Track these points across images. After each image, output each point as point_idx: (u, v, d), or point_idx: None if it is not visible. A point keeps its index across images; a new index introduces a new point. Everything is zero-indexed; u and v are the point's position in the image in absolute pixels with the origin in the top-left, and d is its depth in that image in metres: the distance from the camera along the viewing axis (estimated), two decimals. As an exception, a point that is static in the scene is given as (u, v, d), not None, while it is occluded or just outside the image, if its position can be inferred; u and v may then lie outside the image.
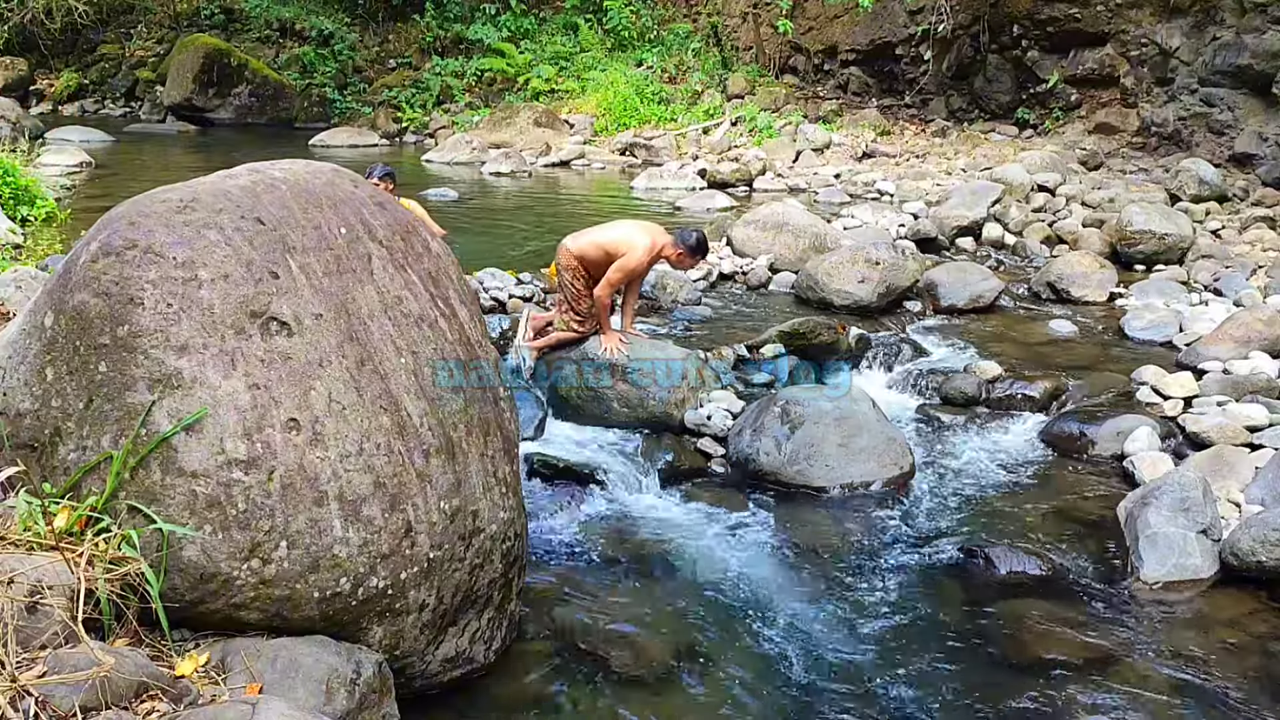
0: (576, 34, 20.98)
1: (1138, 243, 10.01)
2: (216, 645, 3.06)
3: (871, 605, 4.56)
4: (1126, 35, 14.34)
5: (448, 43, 22.01)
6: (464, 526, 3.50)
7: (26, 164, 10.73)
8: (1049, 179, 12.61)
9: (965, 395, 6.84)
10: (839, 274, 8.45)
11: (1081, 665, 4.11)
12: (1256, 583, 4.62)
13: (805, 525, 5.33)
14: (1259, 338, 7.19)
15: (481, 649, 3.72)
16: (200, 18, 23.72)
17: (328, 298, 3.34)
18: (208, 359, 3.08)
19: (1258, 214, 11.32)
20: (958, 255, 10.50)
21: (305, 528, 3.10)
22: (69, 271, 3.20)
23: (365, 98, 21.10)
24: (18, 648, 2.66)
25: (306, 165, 3.79)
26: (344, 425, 3.20)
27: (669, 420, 6.20)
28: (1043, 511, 5.45)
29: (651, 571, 4.83)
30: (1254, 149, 12.73)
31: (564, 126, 18.35)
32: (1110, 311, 8.88)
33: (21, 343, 3.27)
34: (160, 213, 3.23)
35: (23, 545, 2.95)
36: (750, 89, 18.41)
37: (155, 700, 2.70)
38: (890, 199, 13.14)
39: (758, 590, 4.65)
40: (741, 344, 6.98)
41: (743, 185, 14.46)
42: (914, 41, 16.71)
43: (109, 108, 22.62)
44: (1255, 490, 5.24)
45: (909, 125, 16.96)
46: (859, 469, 5.70)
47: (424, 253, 3.81)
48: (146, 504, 3.01)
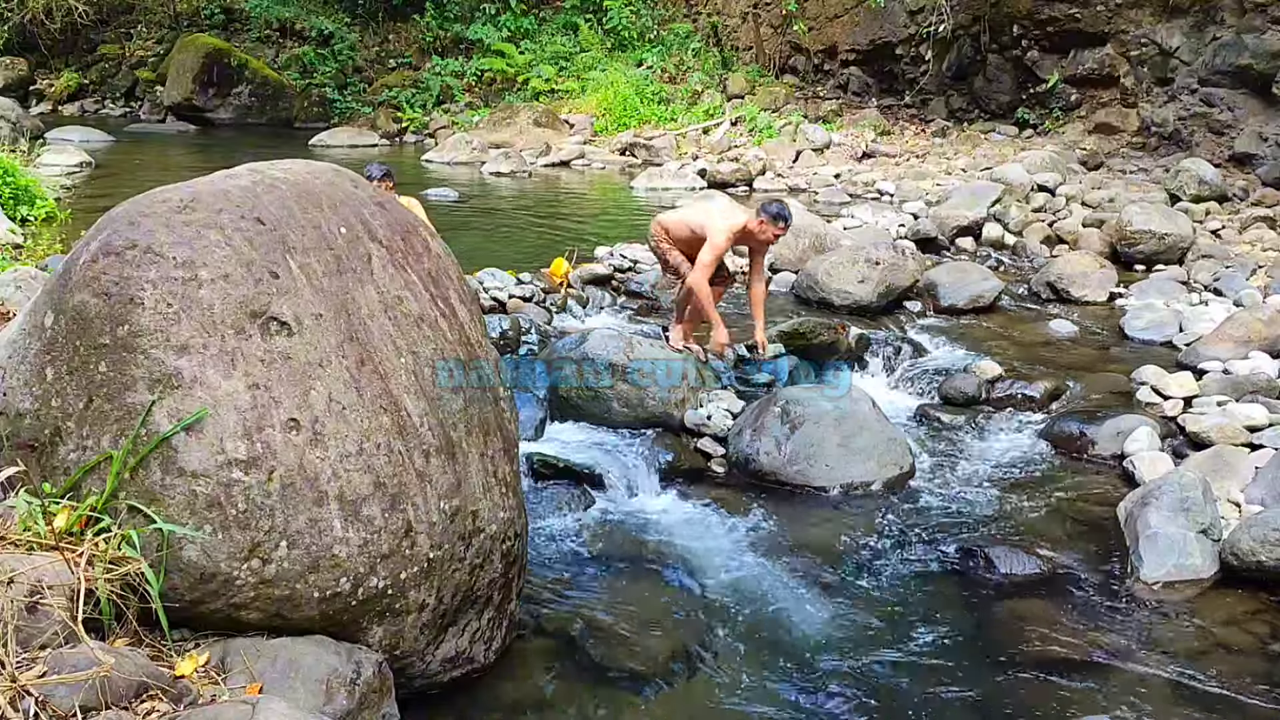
0: (576, 34, 20.97)
1: (1138, 243, 10.01)
2: (216, 645, 3.06)
3: (871, 605, 4.56)
4: (1126, 35, 14.34)
5: (448, 43, 22.00)
6: (464, 526, 3.50)
7: (26, 164, 10.73)
8: (1049, 179, 12.61)
9: (965, 395, 6.84)
10: (839, 274, 8.46)
11: (1081, 665, 4.11)
12: (1256, 583, 4.62)
13: (805, 525, 5.33)
14: (1259, 338, 7.20)
15: (481, 649, 3.72)
16: (200, 18, 23.69)
17: (328, 298, 3.34)
18: (208, 359, 3.08)
19: (1258, 214, 11.32)
20: (958, 255, 10.49)
21: (305, 528, 3.10)
22: (69, 271, 3.20)
23: (365, 98, 21.09)
24: (18, 648, 2.66)
25: (306, 165, 3.79)
26: (344, 425, 3.20)
27: (669, 420, 6.20)
28: (1043, 511, 5.45)
29: (651, 571, 4.83)
30: (1254, 149, 12.73)
31: (564, 126, 18.35)
32: (1110, 311, 8.88)
33: (21, 342, 3.27)
34: (160, 213, 3.22)
35: (23, 545, 2.95)
36: (750, 89, 18.41)
37: (155, 700, 2.70)
38: (890, 199, 13.15)
39: (758, 590, 4.65)
40: (741, 344, 6.97)
41: (743, 185, 14.46)
42: (914, 41, 16.71)
43: (109, 108, 22.60)
44: (1255, 490, 5.24)
45: (909, 125, 16.96)
46: (859, 469, 5.70)
47: (424, 253, 3.81)
48: (146, 504, 3.01)
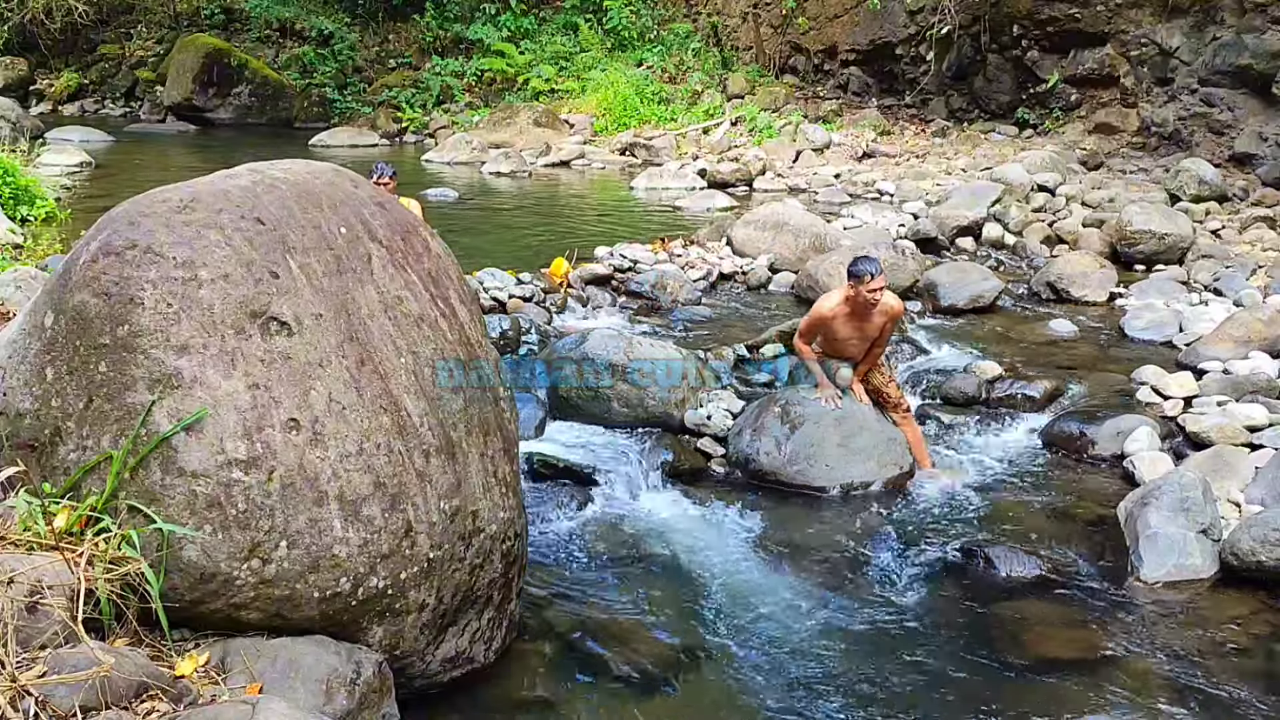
0: (576, 34, 20.97)
1: (1138, 243, 10.01)
2: (216, 645, 3.06)
3: (871, 605, 4.56)
4: (1126, 35, 14.33)
5: (448, 43, 21.99)
6: (464, 526, 3.50)
7: (26, 164, 10.72)
8: (1049, 179, 12.61)
9: (965, 395, 6.83)
10: (839, 274, 8.44)
11: (1081, 665, 4.11)
12: (1256, 583, 4.62)
13: (805, 525, 5.33)
14: (1259, 338, 7.19)
15: (481, 649, 3.72)
16: (200, 18, 23.67)
17: (328, 298, 3.34)
18: (208, 359, 3.08)
19: (1258, 214, 11.32)
20: (958, 255, 10.49)
21: (305, 528, 3.10)
22: (69, 271, 3.20)
23: (365, 98, 21.09)
24: (18, 648, 2.66)
25: (306, 165, 3.79)
26: (344, 425, 3.20)
27: (669, 420, 6.20)
28: (1043, 511, 5.45)
29: (651, 571, 4.83)
30: (1254, 149, 12.72)
31: (564, 126, 18.34)
32: (1110, 311, 8.88)
33: (21, 342, 3.27)
34: (160, 213, 3.23)
35: (23, 545, 2.95)
36: (750, 89, 18.40)
37: (155, 700, 2.70)
38: (890, 199, 13.14)
39: (757, 590, 4.65)
40: (741, 344, 6.97)
41: (743, 185, 14.46)
42: (914, 41, 16.70)
43: (109, 108, 22.58)
44: (1255, 490, 5.24)
45: (909, 125, 16.95)
46: (859, 469, 5.70)
47: (424, 253, 3.81)
48: (146, 504, 3.01)
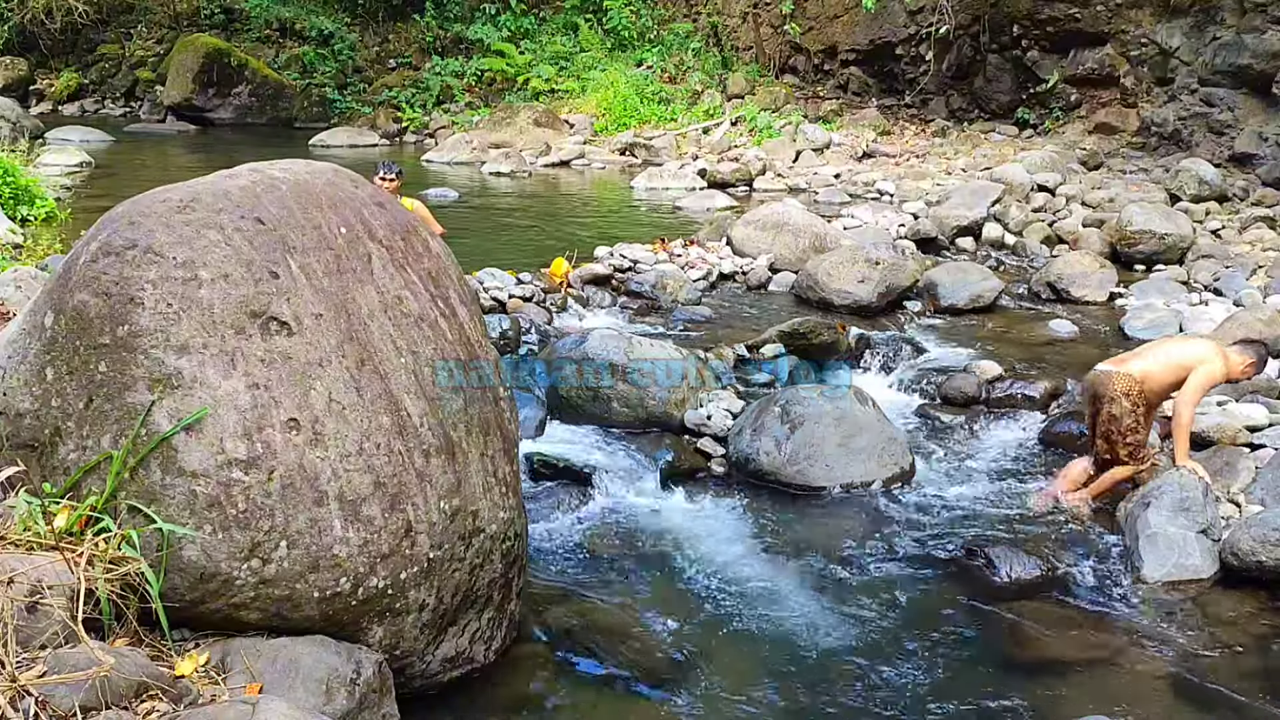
0: (576, 34, 20.96)
1: (1138, 243, 10.01)
2: (216, 645, 3.06)
3: (871, 605, 4.55)
4: (1126, 35, 14.34)
5: (448, 43, 21.99)
6: (464, 526, 3.50)
7: (26, 164, 10.72)
8: (1049, 179, 12.61)
9: (965, 395, 6.83)
10: (839, 274, 8.46)
11: (1082, 665, 4.11)
12: (1256, 583, 4.62)
13: (805, 525, 5.33)
14: (1259, 338, 7.18)
15: (481, 649, 3.72)
16: (200, 18, 23.65)
17: (328, 298, 3.34)
18: (208, 359, 3.08)
19: (1258, 214, 11.33)
20: (958, 255, 10.50)
21: (305, 527, 3.10)
22: (69, 271, 3.20)
23: (365, 98, 21.08)
24: (18, 648, 2.66)
25: (307, 165, 3.79)
26: (344, 425, 3.20)
27: (669, 420, 6.20)
28: (1043, 512, 5.44)
29: (651, 571, 4.83)
30: (1254, 149, 12.73)
31: (564, 126, 18.33)
32: (1110, 311, 8.88)
33: (21, 343, 3.27)
34: (160, 213, 3.23)
35: (23, 545, 2.95)
36: (750, 89, 18.40)
37: (155, 700, 2.70)
38: (890, 199, 13.14)
39: (757, 590, 4.65)
40: (741, 344, 6.97)
41: (743, 185, 14.45)
42: (914, 41, 16.70)
43: (109, 108, 22.57)
44: (1255, 490, 5.24)
45: (909, 125, 16.95)
46: (859, 469, 5.69)
47: (424, 252, 3.81)
48: (146, 504, 3.01)
